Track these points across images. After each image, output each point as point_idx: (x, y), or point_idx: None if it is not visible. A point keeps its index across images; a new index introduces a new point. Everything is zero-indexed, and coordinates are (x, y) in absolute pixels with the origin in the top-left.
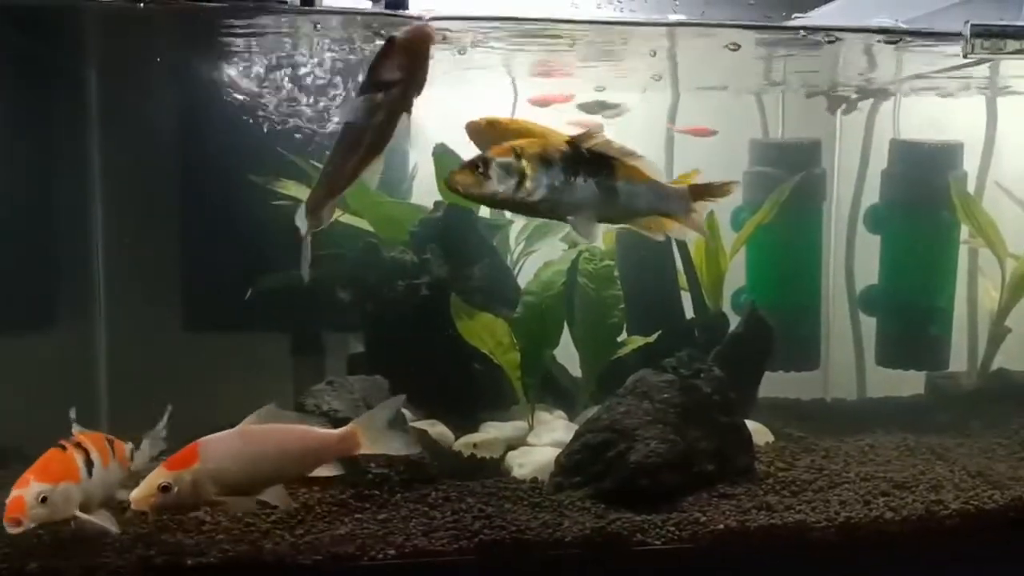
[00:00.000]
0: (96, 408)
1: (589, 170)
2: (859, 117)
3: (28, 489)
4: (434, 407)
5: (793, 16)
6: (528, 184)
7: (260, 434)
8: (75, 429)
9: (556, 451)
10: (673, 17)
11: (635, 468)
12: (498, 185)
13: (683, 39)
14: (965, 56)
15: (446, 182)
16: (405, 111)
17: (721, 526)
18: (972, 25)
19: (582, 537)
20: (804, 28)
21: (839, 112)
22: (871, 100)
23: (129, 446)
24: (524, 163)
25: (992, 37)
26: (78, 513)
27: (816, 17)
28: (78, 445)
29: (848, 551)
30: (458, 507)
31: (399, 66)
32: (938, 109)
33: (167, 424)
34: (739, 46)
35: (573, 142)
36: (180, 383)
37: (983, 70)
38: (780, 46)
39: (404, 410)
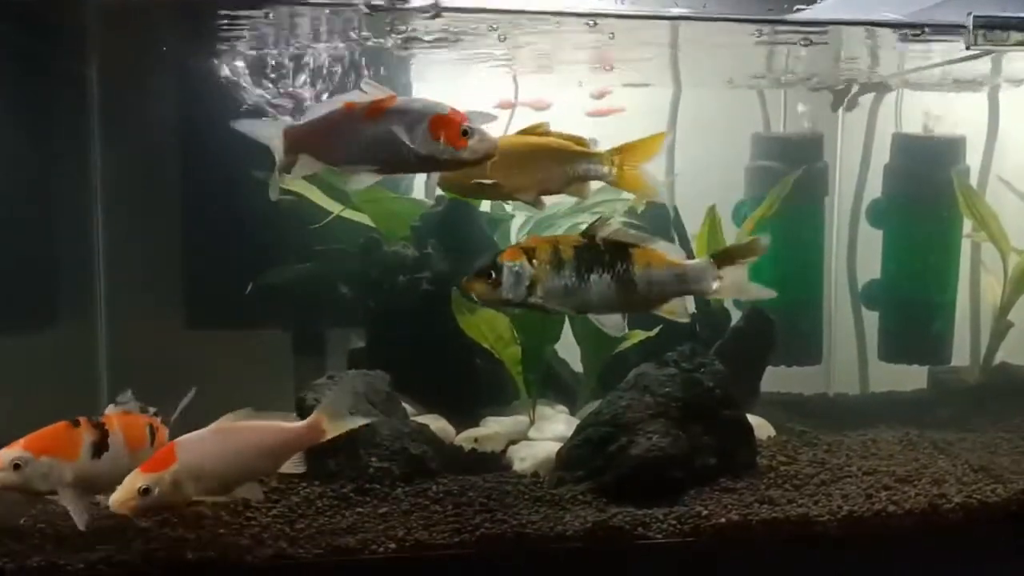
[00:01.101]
0: (97, 407)
1: (605, 263)
2: (861, 111)
3: (7, 451)
4: (435, 402)
5: (795, 9)
6: (541, 287)
7: (234, 431)
8: (110, 408)
9: (557, 445)
10: (675, 10)
11: (637, 462)
12: (511, 291)
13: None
14: (968, 48)
15: (462, 286)
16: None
17: (723, 520)
18: (975, 16)
19: (584, 531)
20: (807, 22)
21: (841, 109)
22: (873, 95)
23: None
24: (536, 265)
25: (995, 28)
26: (64, 492)
27: (819, 10)
28: (97, 425)
29: (851, 545)
30: (459, 501)
31: (452, 160)
32: (940, 102)
33: (183, 409)
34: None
35: (587, 235)
36: (181, 379)
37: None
38: (782, 40)
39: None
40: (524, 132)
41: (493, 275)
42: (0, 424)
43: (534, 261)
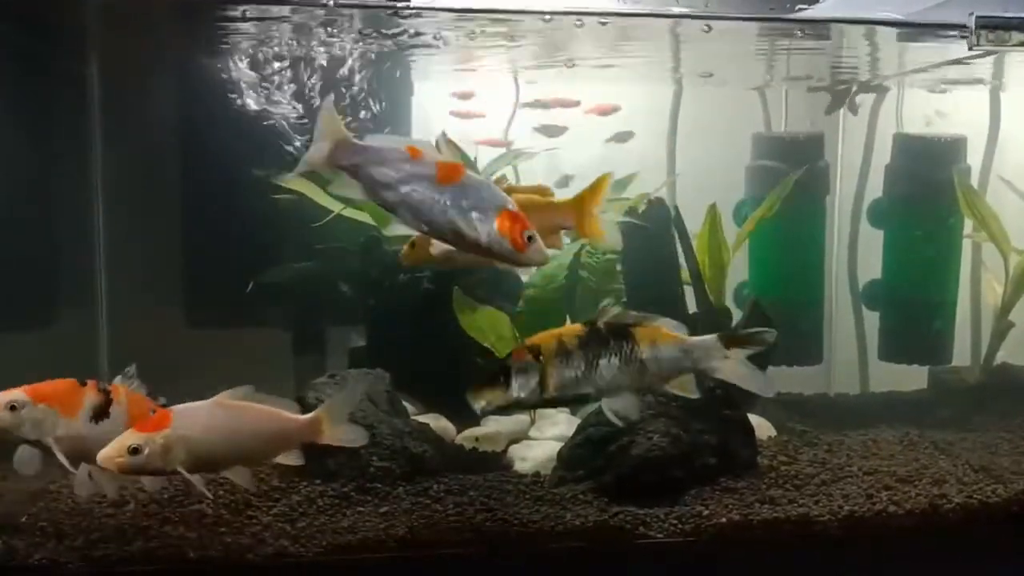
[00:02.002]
0: None
1: (611, 348)
2: (862, 110)
3: (6, 393)
4: (436, 401)
5: (797, 8)
6: (552, 383)
7: (233, 409)
8: (117, 379)
9: (558, 445)
10: (676, 10)
11: (637, 462)
12: (522, 392)
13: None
14: (971, 48)
15: (471, 395)
16: None
17: (724, 520)
18: (977, 16)
19: (584, 531)
20: (808, 21)
21: (842, 111)
22: (873, 96)
23: None
24: (543, 362)
25: (997, 28)
26: (53, 445)
27: (820, 9)
28: (104, 391)
29: (851, 545)
30: (460, 500)
31: (506, 257)
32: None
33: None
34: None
35: (589, 324)
36: (182, 377)
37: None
38: (783, 39)
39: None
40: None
41: (502, 379)
42: None
43: (541, 358)
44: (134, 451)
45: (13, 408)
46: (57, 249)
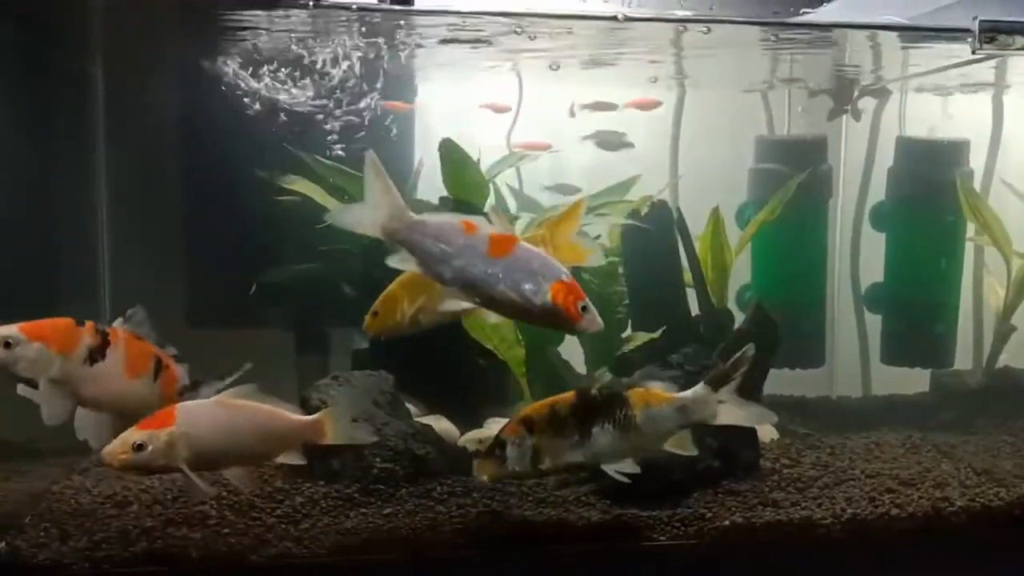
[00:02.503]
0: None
1: (604, 414)
2: (865, 114)
3: (1, 328)
4: (439, 403)
5: (802, 12)
6: (547, 454)
7: (236, 408)
8: (118, 322)
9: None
10: (680, 13)
11: (640, 464)
12: (517, 465)
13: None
14: (973, 52)
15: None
16: None
17: (726, 522)
18: (981, 21)
19: (587, 533)
20: (811, 25)
21: (845, 115)
22: (876, 100)
23: (179, 384)
24: (536, 433)
25: (1001, 33)
26: (44, 385)
27: (823, 13)
28: (101, 333)
29: (854, 548)
30: (463, 502)
31: (563, 326)
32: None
33: (235, 383)
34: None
35: (582, 391)
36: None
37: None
38: (787, 42)
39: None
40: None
41: (498, 452)
42: (2, 422)
43: (534, 429)
44: (138, 447)
45: (8, 345)
46: (60, 249)
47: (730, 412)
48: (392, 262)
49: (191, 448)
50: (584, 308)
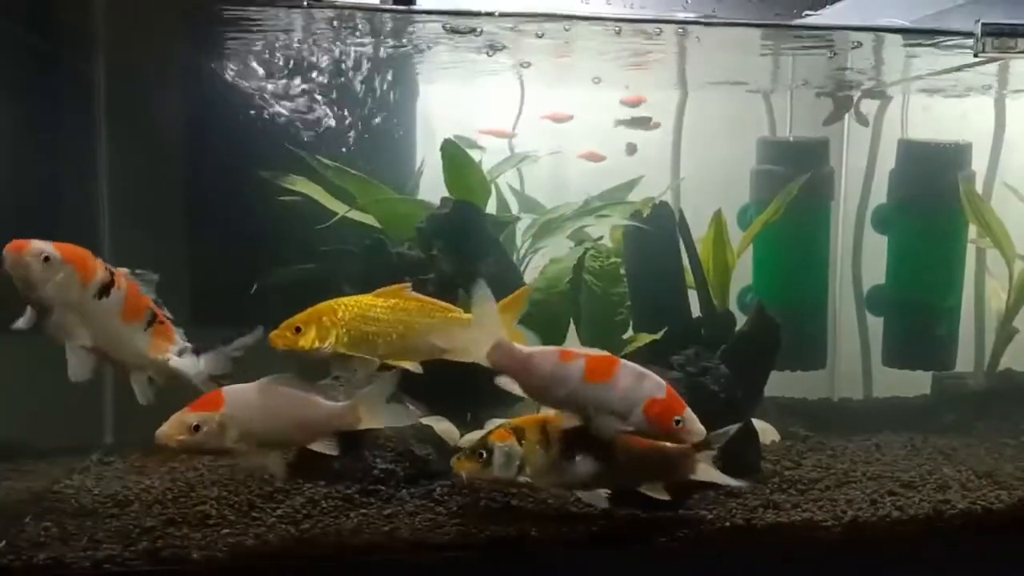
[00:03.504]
0: (101, 403)
1: (591, 444)
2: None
3: (42, 243)
4: (439, 403)
5: (804, 14)
6: (531, 466)
7: (278, 392)
8: (124, 270)
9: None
10: (682, 15)
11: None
12: (501, 471)
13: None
14: (976, 55)
15: (455, 463)
16: None
17: (728, 524)
18: (983, 24)
19: (588, 534)
20: (814, 27)
21: (848, 118)
22: (878, 102)
23: (178, 345)
24: (525, 445)
25: (1003, 36)
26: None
27: (826, 16)
28: (111, 272)
29: (855, 550)
30: (464, 503)
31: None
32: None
33: (246, 346)
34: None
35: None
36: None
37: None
38: (789, 45)
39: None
40: (383, 294)
41: (484, 455)
42: (3, 422)
43: (523, 441)
44: (195, 429)
45: (47, 260)
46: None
47: (705, 472)
48: (500, 382)
49: (240, 430)
50: (678, 421)
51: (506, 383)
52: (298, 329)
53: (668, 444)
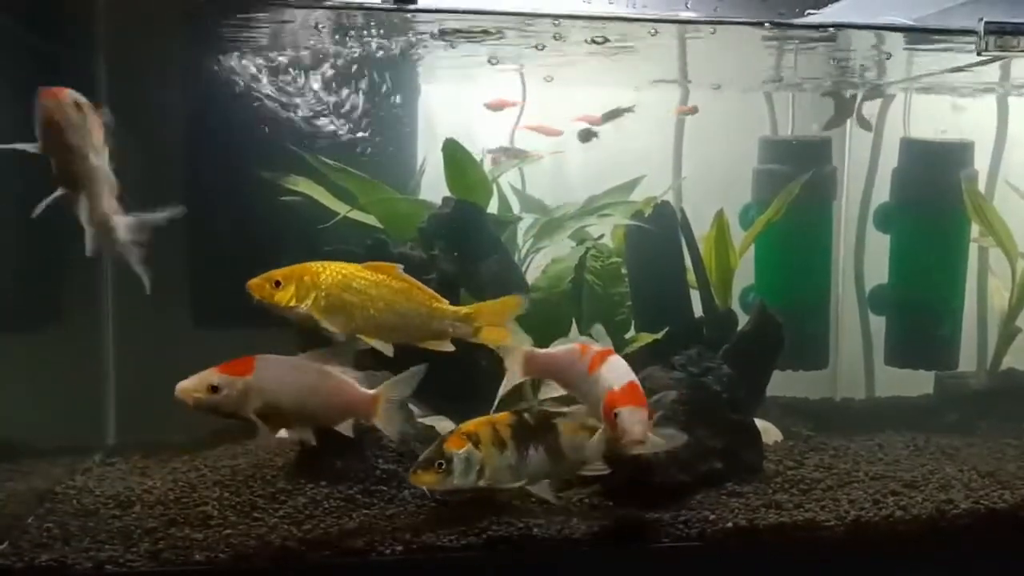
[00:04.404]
0: (103, 404)
1: (538, 436)
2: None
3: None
4: (441, 403)
5: (806, 13)
6: (489, 469)
7: (311, 370)
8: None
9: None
10: (684, 14)
11: (643, 466)
12: (462, 478)
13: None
14: (979, 54)
15: (413, 478)
16: None
17: (730, 524)
18: (987, 22)
19: (590, 534)
20: (815, 26)
21: (850, 121)
22: (880, 100)
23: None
24: (482, 449)
25: (1006, 35)
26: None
27: (828, 14)
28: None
29: (858, 550)
30: (465, 503)
31: None
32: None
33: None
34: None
35: (517, 413)
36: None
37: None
38: (791, 43)
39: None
40: (374, 268)
41: (443, 465)
42: (5, 422)
43: (480, 445)
44: (214, 389)
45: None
46: (62, 248)
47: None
48: (543, 394)
49: (263, 401)
50: (616, 415)
51: (548, 390)
52: (278, 283)
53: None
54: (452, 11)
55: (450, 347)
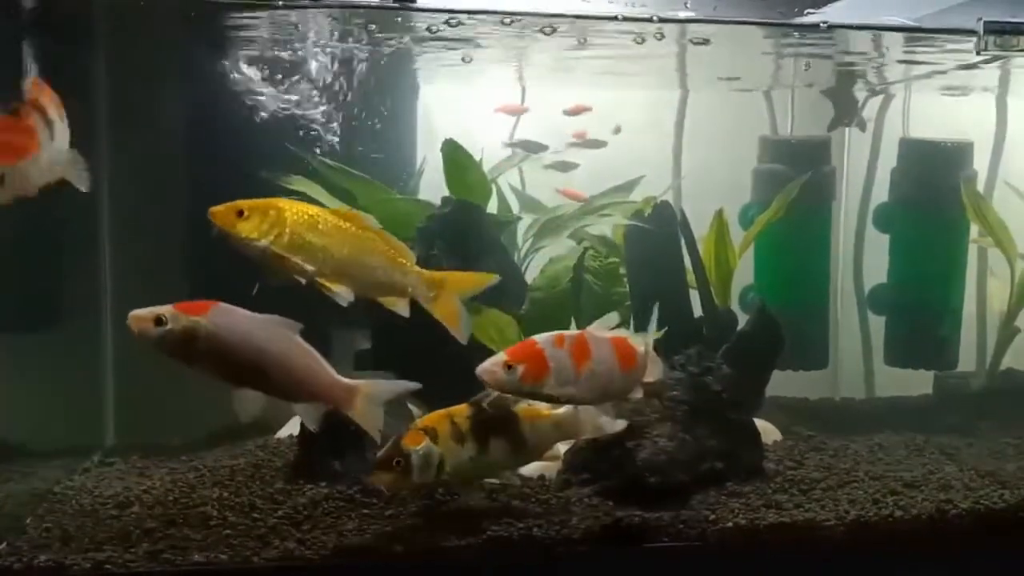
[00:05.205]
0: (103, 404)
1: (498, 427)
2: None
3: None
4: (440, 403)
5: (805, 12)
6: (449, 464)
7: (280, 336)
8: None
9: (564, 448)
10: (683, 13)
11: (643, 465)
12: (421, 475)
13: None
14: (978, 53)
15: (373, 479)
16: None
17: (730, 524)
18: (986, 22)
19: (590, 535)
20: (814, 25)
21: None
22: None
23: None
24: (440, 443)
25: (1006, 34)
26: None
27: (827, 14)
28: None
29: (858, 550)
30: (465, 504)
31: None
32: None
33: None
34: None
35: (475, 405)
36: (186, 378)
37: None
38: (789, 43)
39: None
40: (343, 215)
41: (401, 462)
42: (4, 422)
43: (438, 440)
44: (159, 321)
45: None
46: (62, 248)
47: (596, 427)
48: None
49: (210, 346)
50: (509, 367)
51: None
52: (241, 213)
53: (556, 411)
54: (452, 11)
55: (406, 310)
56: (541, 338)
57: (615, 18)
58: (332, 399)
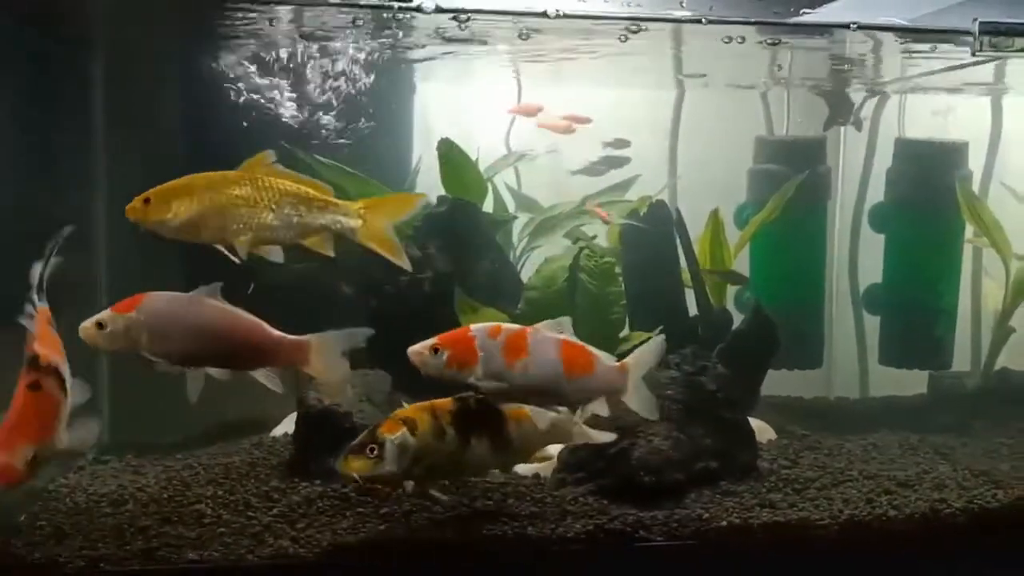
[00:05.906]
0: (98, 402)
1: (481, 425)
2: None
3: None
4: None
5: (801, 12)
6: (425, 456)
7: (209, 308)
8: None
9: (559, 447)
10: (679, 13)
11: (638, 465)
12: (395, 465)
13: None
14: (973, 54)
15: (341, 471)
16: None
17: (724, 523)
18: (981, 23)
19: (584, 534)
20: (810, 25)
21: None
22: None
23: None
24: (418, 435)
25: (1001, 35)
26: None
27: (823, 14)
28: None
29: (851, 549)
30: (460, 502)
31: None
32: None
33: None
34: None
35: (459, 400)
36: (183, 376)
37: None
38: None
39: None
40: (248, 166)
41: (375, 450)
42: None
43: (416, 432)
44: (100, 326)
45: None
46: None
47: (582, 434)
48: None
49: (151, 336)
50: (436, 350)
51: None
52: (148, 201)
53: (547, 415)
54: (452, 11)
55: (331, 251)
56: (477, 327)
57: (614, 19)
58: (286, 358)
